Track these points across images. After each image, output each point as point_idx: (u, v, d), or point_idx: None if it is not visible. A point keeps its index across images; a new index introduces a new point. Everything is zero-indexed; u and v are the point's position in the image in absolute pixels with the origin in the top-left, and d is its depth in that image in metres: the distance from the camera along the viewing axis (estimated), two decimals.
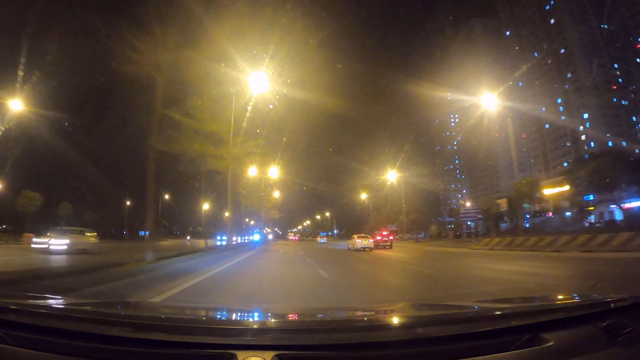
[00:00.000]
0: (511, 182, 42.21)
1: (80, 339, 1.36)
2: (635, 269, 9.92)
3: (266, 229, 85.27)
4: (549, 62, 71.57)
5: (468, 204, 63.99)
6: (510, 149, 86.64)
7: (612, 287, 5.27)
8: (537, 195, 37.04)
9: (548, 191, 39.10)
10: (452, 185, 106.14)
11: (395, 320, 1.64)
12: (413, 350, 1.31)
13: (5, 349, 1.35)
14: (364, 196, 68.95)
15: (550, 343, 1.35)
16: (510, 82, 64.39)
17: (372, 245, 23.93)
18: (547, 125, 71.78)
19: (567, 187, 37.13)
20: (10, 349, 1.35)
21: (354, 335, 1.41)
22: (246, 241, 42.52)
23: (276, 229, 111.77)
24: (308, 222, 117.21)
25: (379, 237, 27.36)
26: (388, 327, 1.54)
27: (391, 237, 28.60)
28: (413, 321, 1.56)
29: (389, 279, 9.26)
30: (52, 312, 1.61)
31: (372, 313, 2.26)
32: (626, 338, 1.37)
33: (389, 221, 55.59)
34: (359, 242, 23.82)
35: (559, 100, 69.56)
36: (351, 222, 79.22)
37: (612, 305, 1.57)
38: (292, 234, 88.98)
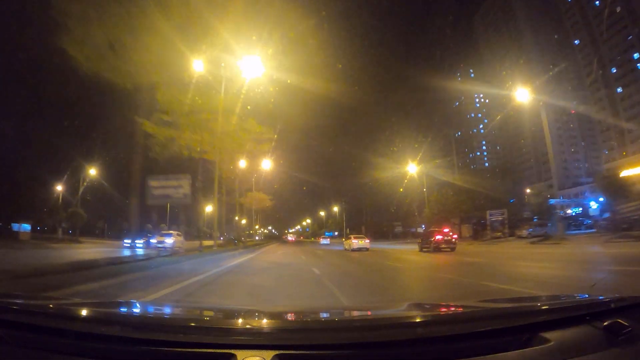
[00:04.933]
0: None
1: (79, 339, 1.34)
2: None
3: (259, 228, 69.47)
4: (618, 9, 55.99)
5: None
6: (558, 128, 70.60)
7: (613, 286, 4.38)
8: None
9: None
10: None
11: (395, 319, 1.64)
12: (413, 350, 1.30)
13: (5, 349, 1.35)
14: (413, 169, 41.69)
15: (550, 343, 1.34)
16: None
17: (368, 246, 24.57)
18: (620, 89, 55.74)
19: None
20: (10, 349, 1.35)
21: (354, 334, 1.39)
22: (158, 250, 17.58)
23: (270, 228, 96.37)
24: (309, 220, 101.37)
25: (439, 237, 20.65)
26: (388, 327, 1.51)
27: (455, 236, 22.64)
28: (413, 321, 1.57)
29: None
30: (51, 312, 1.61)
31: (372, 313, 2.27)
32: (626, 338, 1.35)
33: (495, 206, 36.17)
34: (355, 242, 24.64)
35: (636, 56, 53.52)
36: (382, 216, 60.59)
37: (612, 305, 1.56)
38: (291, 235, 79.99)
